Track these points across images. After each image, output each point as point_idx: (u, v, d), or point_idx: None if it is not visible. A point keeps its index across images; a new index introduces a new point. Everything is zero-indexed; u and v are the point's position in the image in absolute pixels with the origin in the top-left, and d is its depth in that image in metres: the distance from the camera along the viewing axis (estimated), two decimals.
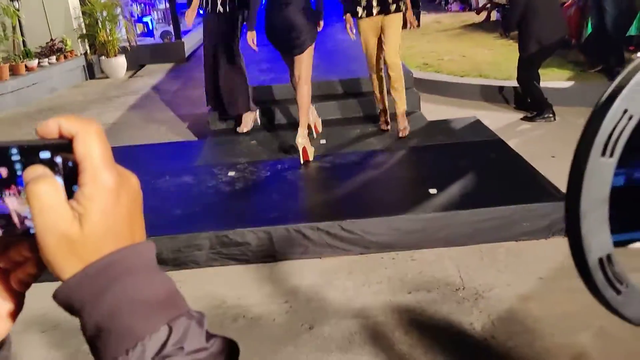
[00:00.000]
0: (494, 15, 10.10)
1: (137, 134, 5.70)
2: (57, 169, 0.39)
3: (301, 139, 4.05)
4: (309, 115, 4.35)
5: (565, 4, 6.81)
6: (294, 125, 4.98)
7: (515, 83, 5.39)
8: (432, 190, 3.49)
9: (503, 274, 2.86)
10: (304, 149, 4.08)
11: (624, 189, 0.50)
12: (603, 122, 0.48)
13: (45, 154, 0.39)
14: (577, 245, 0.48)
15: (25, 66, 7.48)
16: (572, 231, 0.47)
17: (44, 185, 0.38)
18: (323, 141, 4.67)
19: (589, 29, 6.60)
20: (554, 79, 5.80)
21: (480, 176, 3.67)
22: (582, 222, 0.47)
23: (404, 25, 4.50)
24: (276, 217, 3.33)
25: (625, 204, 0.50)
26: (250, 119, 5.03)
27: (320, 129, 4.83)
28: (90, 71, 8.75)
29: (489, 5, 10.34)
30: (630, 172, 0.52)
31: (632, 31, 6.41)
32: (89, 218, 0.38)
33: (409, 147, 4.36)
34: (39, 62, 7.74)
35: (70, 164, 0.40)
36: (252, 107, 5.03)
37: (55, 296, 0.39)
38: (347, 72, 5.71)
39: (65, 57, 8.20)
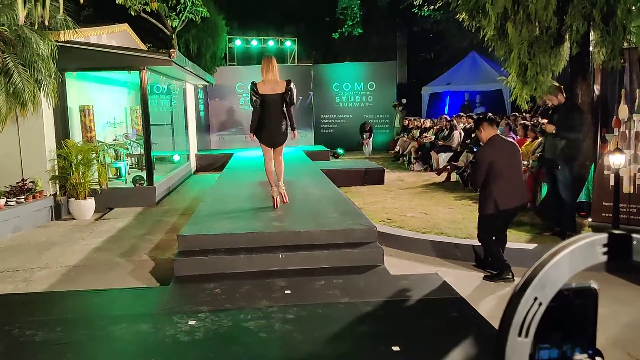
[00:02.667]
0: (454, 176, 10.73)
1: (99, 278, 5.60)
2: None
3: (277, 190, 6.77)
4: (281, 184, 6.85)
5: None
6: (255, 274, 5.02)
7: (473, 242, 5.61)
8: (395, 348, 3.48)
9: None
10: (282, 193, 6.83)
11: None
12: (518, 308, 0.57)
13: None
14: None
15: None
16: None
17: None
18: (288, 291, 4.68)
19: (543, 194, 7.08)
20: (511, 240, 6.07)
21: (442, 334, 3.69)
22: None
23: None
24: None
25: None
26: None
27: (287, 200, 6.85)
28: (57, 212, 8.78)
29: (449, 167, 11.04)
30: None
31: (582, 197, 6.90)
32: None
33: (372, 302, 4.39)
34: (6, 201, 7.76)
35: None
36: None
37: None
38: (315, 224, 5.87)
39: (34, 197, 8.25)
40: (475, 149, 9.17)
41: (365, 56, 21.29)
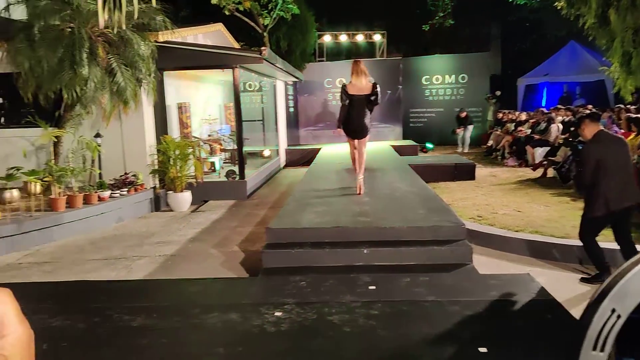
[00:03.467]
0: (551, 172, 10.21)
1: (193, 267, 5.87)
2: None
3: (360, 178, 7.42)
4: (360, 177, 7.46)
5: None
6: (340, 268, 5.04)
7: (572, 242, 5.30)
8: (482, 349, 3.37)
9: None
10: (360, 186, 7.38)
11: None
12: (593, 321, 0.53)
13: None
14: None
15: (98, 196, 8.04)
16: None
17: None
18: (372, 287, 4.67)
19: None
20: (612, 240, 5.69)
21: (532, 338, 3.53)
22: None
23: None
24: None
25: None
26: None
27: (362, 192, 7.38)
28: (157, 204, 9.28)
29: (545, 162, 10.52)
30: None
31: None
32: (13, 359, 0.54)
33: (459, 301, 4.28)
34: (110, 194, 8.32)
35: None
36: None
37: None
38: (401, 220, 5.81)
39: (135, 189, 8.78)
40: (580, 147, 8.66)
41: (457, 48, 20.70)
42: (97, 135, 8.64)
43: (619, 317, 0.51)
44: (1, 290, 0.57)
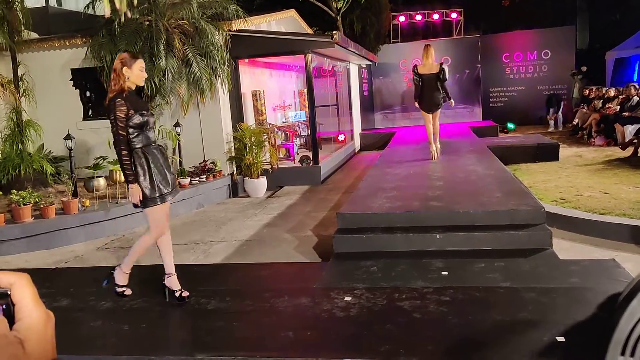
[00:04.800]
0: None
1: (267, 252, 6.00)
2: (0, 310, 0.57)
3: (435, 147, 8.78)
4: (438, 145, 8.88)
5: None
6: (412, 254, 4.97)
7: None
8: (560, 339, 3.22)
9: None
10: (434, 153, 8.75)
11: None
12: (620, 323, 0.47)
13: None
14: None
15: (179, 183, 8.36)
16: None
17: None
18: (445, 272, 4.57)
19: None
20: None
21: None
22: None
23: None
24: (388, 349, 3.25)
25: None
26: None
27: (438, 157, 8.82)
28: (234, 190, 9.53)
29: (635, 140, 9.84)
30: None
31: None
32: (29, 343, 0.55)
33: (536, 288, 4.10)
34: (190, 180, 8.63)
35: (9, 305, 0.57)
36: None
37: None
38: (475, 204, 5.64)
39: (214, 176, 9.05)
40: None
41: (539, 22, 19.66)
42: (177, 125, 8.97)
43: None
44: (20, 274, 0.61)
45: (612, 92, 13.50)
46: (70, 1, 10.61)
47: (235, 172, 9.65)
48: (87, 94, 9.73)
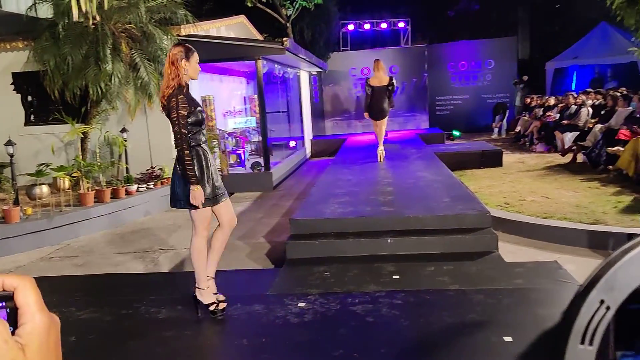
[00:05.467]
0: (580, 157, 9.98)
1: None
2: (3, 314, 0.56)
3: (380, 149, 9.50)
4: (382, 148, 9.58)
5: None
6: (364, 258, 5.02)
7: (600, 227, 5.17)
8: (507, 338, 3.32)
9: None
10: (380, 155, 9.48)
11: None
12: (580, 312, 0.50)
13: None
14: None
15: (126, 190, 8.16)
16: None
17: None
18: (396, 276, 4.63)
19: None
20: None
21: None
22: None
23: None
24: (343, 354, 3.27)
25: None
26: None
27: (382, 160, 9.45)
28: None
29: (574, 147, 10.29)
30: None
31: None
32: (30, 348, 0.53)
33: (484, 290, 4.22)
34: (137, 188, 8.44)
35: (13, 309, 0.56)
36: None
37: None
38: (425, 209, 5.75)
39: (162, 183, 8.88)
40: None
41: (483, 33, 20.33)
42: (123, 130, 8.76)
43: (608, 308, 0.48)
44: (23, 278, 0.58)
45: (552, 101, 14.08)
46: (11, 3, 10.21)
47: None
48: (29, 98, 9.38)
